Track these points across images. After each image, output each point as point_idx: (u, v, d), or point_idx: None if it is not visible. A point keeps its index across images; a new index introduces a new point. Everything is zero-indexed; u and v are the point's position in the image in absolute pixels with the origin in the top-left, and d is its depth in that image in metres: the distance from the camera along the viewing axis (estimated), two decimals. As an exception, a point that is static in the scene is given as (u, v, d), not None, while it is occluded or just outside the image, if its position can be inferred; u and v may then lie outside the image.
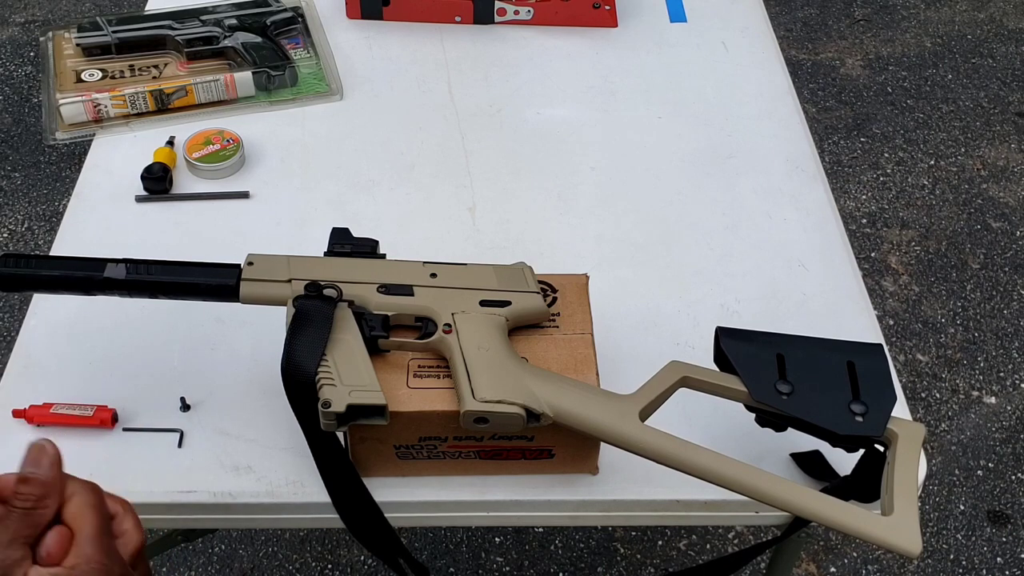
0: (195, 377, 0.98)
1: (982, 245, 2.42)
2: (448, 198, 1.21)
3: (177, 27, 1.37)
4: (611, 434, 0.82)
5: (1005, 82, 2.90)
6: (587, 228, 1.18)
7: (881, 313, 2.24)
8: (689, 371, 0.86)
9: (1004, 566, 1.83)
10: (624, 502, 0.92)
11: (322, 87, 1.35)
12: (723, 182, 1.24)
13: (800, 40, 3.03)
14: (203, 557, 1.79)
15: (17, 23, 3.04)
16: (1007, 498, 1.93)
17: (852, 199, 2.52)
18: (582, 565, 1.80)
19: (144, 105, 1.28)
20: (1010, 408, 2.08)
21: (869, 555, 1.82)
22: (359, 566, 1.79)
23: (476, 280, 0.90)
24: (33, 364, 1.00)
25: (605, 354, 0.91)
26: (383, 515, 0.89)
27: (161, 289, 0.89)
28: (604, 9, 1.47)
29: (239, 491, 0.90)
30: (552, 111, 1.34)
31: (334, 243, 0.93)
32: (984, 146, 2.69)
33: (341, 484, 0.88)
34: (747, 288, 1.11)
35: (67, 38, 1.37)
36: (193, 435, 0.94)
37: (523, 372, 0.84)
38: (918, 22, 3.12)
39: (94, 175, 1.22)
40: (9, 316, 2.20)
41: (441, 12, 1.47)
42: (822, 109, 2.79)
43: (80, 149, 1.92)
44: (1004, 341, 2.21)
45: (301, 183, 1.22)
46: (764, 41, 1.48)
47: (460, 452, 0.88)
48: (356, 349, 0.84)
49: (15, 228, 2.41)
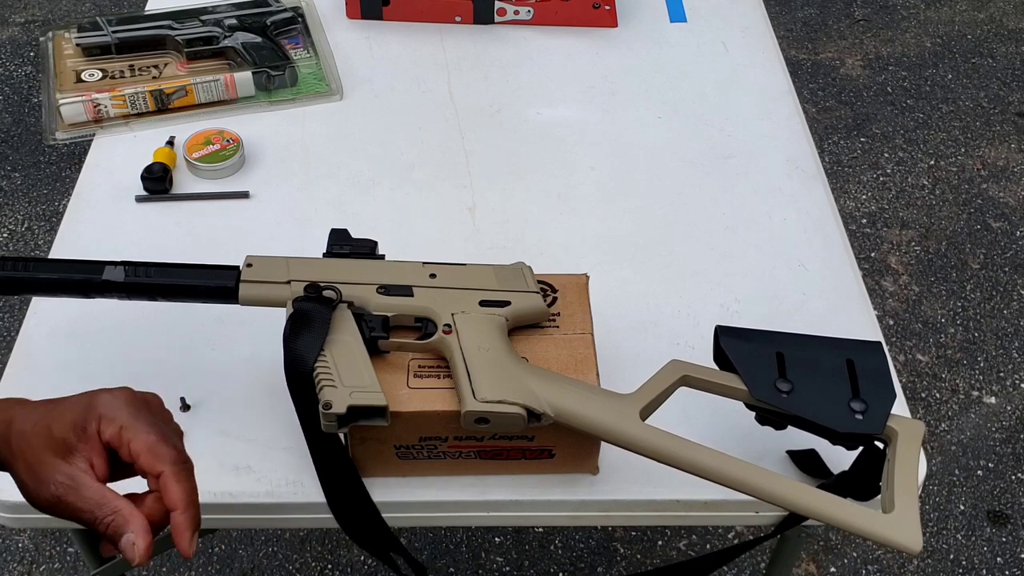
0: (195, 377, 0.98)
1: (982, 245, 2.42)
2: (448, 198, 1.21)
3: (177, 27, 1.37)
4: (612, 433, 0.82)
5: (1005, 82, 2.90)
6: (587, 228, 1.18)
7: (881, 313, 2.24)
8: (689, 370, 0.86)
9: (1004, 566, 1.83)
10: (624, 502, 0.92)
11: (322, 87, 1.35)
12: (723, 182, 1.24)
13: (800, 40, 3.03)
14: (203, 557, 1.79)
15: (17, 23, 3.04)
16: (1007, 498, 1.93)
17: (852, 199, 2.52)
18: (582, 565, 1.80)
19: (144, 105, 1.28)
20: (1010, 408, 2.08)
21: (869, 555, 1.82)
22: (359, 566, 1.79)
23: (476, 280, 0.90)
24: (33, 364, 1.00)
25: (605, 354, 0.91)
26: (380, 516, 0.89)
27: (160, 291, 0.89)
28: (604, 9, 1.47)
29: (239, 491, 0.90)
30: (552, 111, 1.34)
31: (333, 244, 0.93)
32: (984, 146, 2.69)
33: (339, 485, 0.88)
34: (747, 288, 1.11)
35: (67, 38, 1.37)
36: (193, 435, 0.94)
37: (523, 372, 0.84)
38: (918, 22, 3.12)
39: (94, 175, 1.22)
40: (9, 316, 2.20)
41: (441, 12, 1.47)
42: (822, 109, 2.79)
43: (80, 149, 1.92)
44: (1004, 341, 2.21)
45: (301, 183, 1.22)
46: (764, 41, 1.48)
47: (460, 452, 0.88)
48: (356, 350, 0.84)
49: (15, 228, 2.41)
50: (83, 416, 0.62)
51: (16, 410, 0.64)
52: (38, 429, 0.61)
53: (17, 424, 0.62)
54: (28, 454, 0.60)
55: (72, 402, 0.63)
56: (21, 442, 0.60)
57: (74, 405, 0.62)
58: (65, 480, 0.60)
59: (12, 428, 0.62)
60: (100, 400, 0.63)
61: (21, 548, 1.80)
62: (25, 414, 0.62)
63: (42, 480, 0.59)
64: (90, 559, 1.07)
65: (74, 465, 0.60)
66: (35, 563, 1.78)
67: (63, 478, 0.60)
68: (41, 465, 0.59)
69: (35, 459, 0.59)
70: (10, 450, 0.61)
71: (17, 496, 0.88)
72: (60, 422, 0.61)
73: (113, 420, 0.62)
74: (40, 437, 0.60)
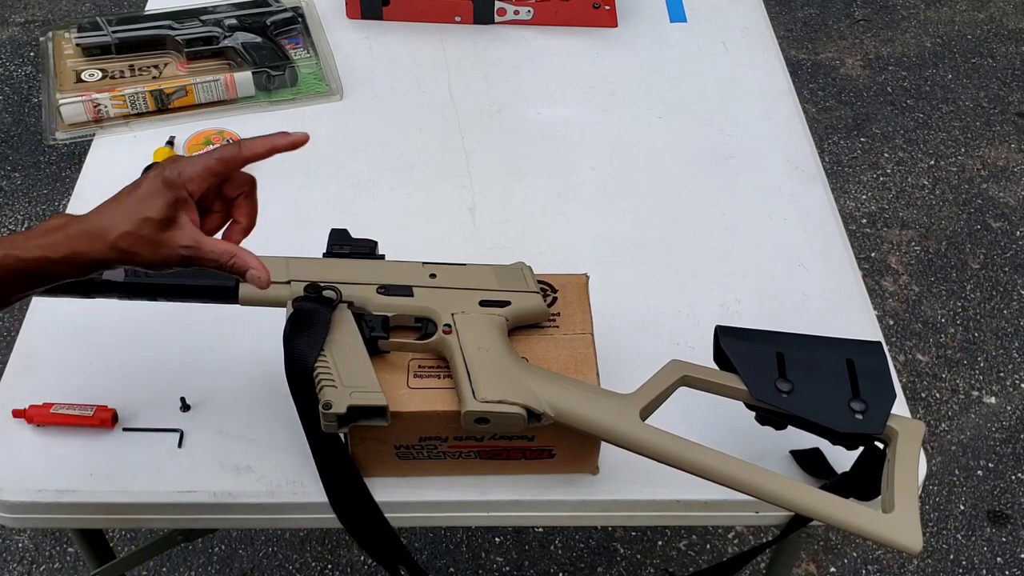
0: (195, 377, 0.98)
1: (982, 245, 2.42)
2: (448, 198, 1.21)
3: (177, 27, 1.37)
4: (612, 433, 0.82)
5: (1005, 82, 2.90)
6: (587, 228, 1.18)
7: (881, 313, 2.24)
8: (689, 370, 0.86)
9: (1004, 566, 1.83)
10: (624, 502, 0.92)
11: (322, 87, 1.35)
12: (723, 182, 1.24)
13: (800, 40, 3.03)
14: (203, 557, 1.79)
15: (17, 23, 3.03)
16: (1007, 498, 1.92)
17: (852, 199, 2.52)
18: (582, 565, 1.80)
19: (144, 105, 1.28)
20: (1010, 408, 2.08)
21: (869, 555, 1.82)
22: (359, 566, 1.79)
23: (476, 280, 0.90)
24: (33, 364, 1.00)
25: (605, 354, 0.91)
26: (384, 517, 0.89)
27: (160, 292, 0.89)
28: (604, 9, 1.47)
29: (239, 491, 0.90)
30: (552, 111, 1.34)
31: (333, 244, 0.93)
32: (984, 146, 2.69)
33: (341, 485, 0.88)
34: (747, 288, 1.11)
35: (67, 38, 1.37)
36: (193, 435, 0.94)
37: (523, 372, 0.84)
38: (918, 22, 3.12)
39: (94, 175, 1.22)
40: (9, 316, 2.20)
41: (441, 12, 1.47)
42: (822, 109, 2.79)
43: (80, 149, 1.92)
44: (1004, 341, 2.20)
45: (301, 183, 1.22)
46: (764, 41, 1.48)
47: (460, 452, 0.88)
48: (356, 350, 0.84)
49: (15, 228, 2.41)
50: (172, 192, 0.73)
51: (86, 222, 0.72)
52: (138, 222, 0.71)
53: (111, 230, 0.71)
54: (144, 244, 0.71)
55: (144, 189, 0.73)
56: (131, 239, 0.71)
57: (152, 191, 0.72)
58: (190, 244, 0.73)
59: (108, 235, 0.71)
60: (174, 170, 0.74)
61: (21, 548, 1.80)
62: (107, 220, 0.72)
63: (168, 255, 0.71)
64: (90, 559, 1.07)
65: (187, 230, 0.73)
66: (35, 563, 1.78)
67: (187, 242, 0.72)
68: (161, 245, 0.71)
69: (155, 242, 0.71)
70: (120, 250, 0.71)
71: (17, 496, 0.89)
72: (153, 207, 0.71)
73: (193, 178, 0.74)
74: (147, 226, 0.71)
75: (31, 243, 0.71)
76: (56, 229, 0.72)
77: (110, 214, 0.73)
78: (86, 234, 0.72)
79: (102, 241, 0.72)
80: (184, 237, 0.73)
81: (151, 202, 0.72)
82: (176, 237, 0.73)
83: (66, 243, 0.72)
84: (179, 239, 0.73)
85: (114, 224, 0.72)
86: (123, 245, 0.72)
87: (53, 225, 0.73)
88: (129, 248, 0.72)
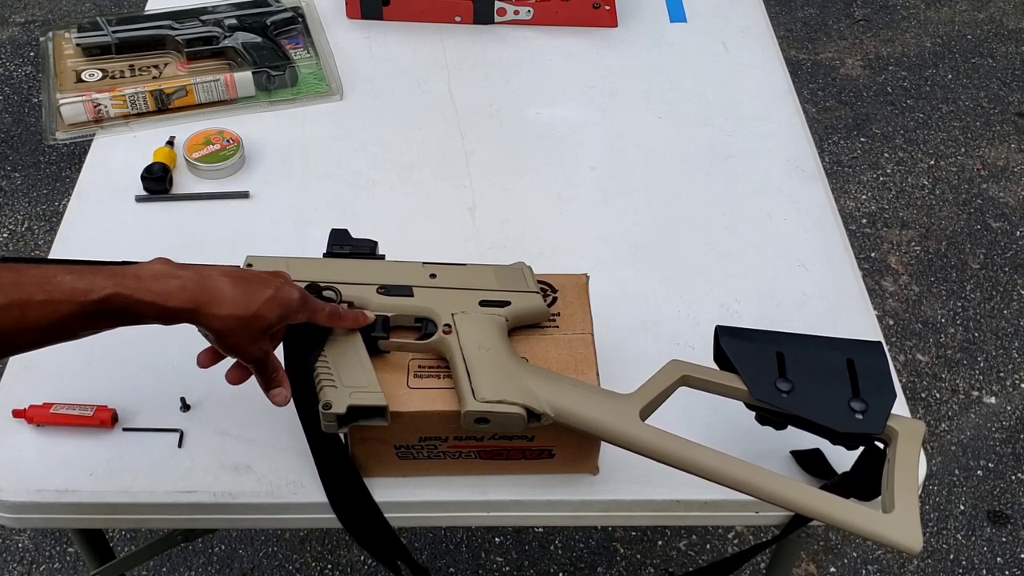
0: (195, 377, 0.98)
1: (982, 245, 2.42)
2: (448, 198, 1.21)
3: (177, 27, 1.37)
4: (612, 433, 0.82)
5: (1005, 82, 2.90)
6: (587, 228, 1.18)
7: (881, 313, 2.24)
8: (689, 370, 0.86)
9: (1004, 566, 1.83)
10: (624, 502, 0.92)
11: (322, 87, 1.35)
12: (723, 182, 1.24)
13: (800, 40, 3.03)
14: (203, 557, 1.79)
15: (17, 23, 3.04)
16: (1007, 498, 1.93)
17: (852, 199, 2.52)
18: (582, 565, 1.80)
19: (144, 105, 1.28)
20: (1010, 408, 2.08)
21: (869, 555, 1.82)
22: (359, 566, 1.79)
23: (476, 280, 0.90)
24: (33, 364, 1.00)
25: (605, 354, 0.91)
26: (383, 516, 0.89)
27: None
28: (604, 9, 1.47)
29: (239, 491, 0.90)
30: (552, 111, 1.34)
31: (333, 244, 0.93)
32: (984, 146, 2.69)
33: (341, 485, 0.88)
34: (747, 288, 1.11)
35: (67, 38, 1.37)
36: (193, 435, 0.94)
37: (523, 372, 0.84)
38: (918, 22, 3.12)
39: (94, 175, 1.22)
40: (9, 316, 2.19)
41: (441, 12, 1.47)
42: (822, 109, 2.79)
43: (80, 149, 1.92)
44: (1004, 341, 2.20)
45: (301, 183, 1.22)
46: (764, 41, 1.48)
47: (460, 452, 0.88)
48: (356, 350, 0.84)
49: (15, 228, 2.41)
50: (302, 314, 0.82)
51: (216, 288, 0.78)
52: (254, 322, 0.79)
53: (235, 312, 0.78)
54: (244, 335, 0.79)
55: (286, 294, 0.81)
56: (244, 325, 0.78)
57: (269, 310, 0.79)
58: (267, 350, 0.82)
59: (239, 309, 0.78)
60: (312, 301, 0.83)
61: (21, 548, 1.80)
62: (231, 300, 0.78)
63: (252, 349, 0.80)
64: (90, 559, 1.07)
65: (267, 343, 0.81)
66: (35, 563, 1.78)
67: (267, 348, 0.82)
68: (255, 342, 0.80)
69: (254, 336, 0.79)
70: (225, 326, 0.78)
71: (17, 496, 0.89)
72: (266, 320, 0.79)
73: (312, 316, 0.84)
74: (258, 326, 0.79)
75: (142, 286, 0.76)
76: (167, 276, 0.77)
77: (244, 288, 0.79)
78: (208, 295, 0.78)
79: (220, 308, 0.77)
80: (267, 347, 0.82)
81: (287, 309, 0.80)
82: (265, 343, 0.81)
83: (182, 294, 0.77)
84: (265, 345, 0.81)
85: (233, 303, 0.78)
86: (237, 328, 0.78)
87: (161, 272, 0.77)
88: (237, 328, 0.78)
